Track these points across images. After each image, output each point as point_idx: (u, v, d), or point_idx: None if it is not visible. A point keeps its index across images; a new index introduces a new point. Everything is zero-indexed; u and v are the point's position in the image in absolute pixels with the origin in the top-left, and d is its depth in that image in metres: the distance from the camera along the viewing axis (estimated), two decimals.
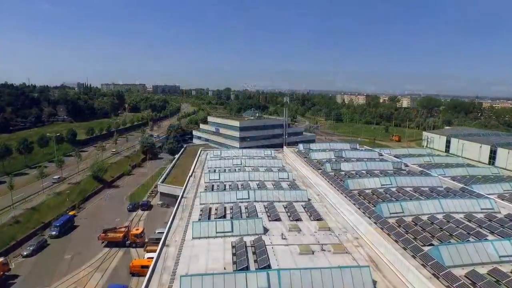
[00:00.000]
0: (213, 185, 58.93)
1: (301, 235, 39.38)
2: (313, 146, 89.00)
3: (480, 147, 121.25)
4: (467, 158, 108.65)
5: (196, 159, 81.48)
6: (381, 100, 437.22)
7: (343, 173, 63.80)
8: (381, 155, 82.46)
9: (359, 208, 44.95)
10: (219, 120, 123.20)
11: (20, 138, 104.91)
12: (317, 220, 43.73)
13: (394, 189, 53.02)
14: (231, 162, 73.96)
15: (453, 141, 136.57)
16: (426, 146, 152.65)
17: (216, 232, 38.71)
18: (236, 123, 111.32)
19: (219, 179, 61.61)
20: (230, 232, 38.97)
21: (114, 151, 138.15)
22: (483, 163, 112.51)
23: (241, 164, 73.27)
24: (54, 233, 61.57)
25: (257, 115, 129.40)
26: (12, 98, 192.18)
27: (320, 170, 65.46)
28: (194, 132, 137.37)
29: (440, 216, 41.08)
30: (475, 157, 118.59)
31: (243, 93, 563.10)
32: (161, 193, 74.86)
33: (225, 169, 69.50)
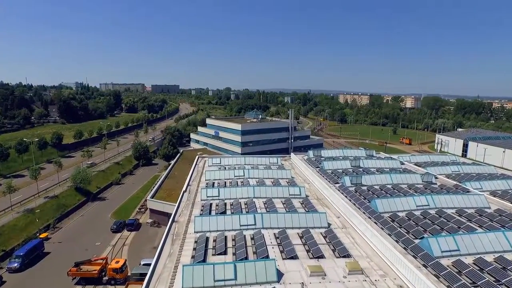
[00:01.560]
0: (211, 204, 49.01)
1: (327, 282, 29.67)
2: (324, 153, 79.12)
3: (504, 152, 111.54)
4: (490, 165, 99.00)
5: (192, 168, 71.65)
6: (384, 100, 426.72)
7: (365, 188, 54.09)
8: (403, 164, 72.77)
9: (397, 241, 35.12)
10: (218, 123, 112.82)
11: None
12: (344, 256, 33.98)
13: (433, 212, 43.21)
14: (233, 173, 64.06)
15: (471, 145, 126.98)
16: (440, 150, 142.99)
17: (215, 281, 28.91)
18: (237, 126, 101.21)
19: (219, 196, 51.73)
20: (233, 280, 29.21)
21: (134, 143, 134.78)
22: (507, 169, 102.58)
23: (244, 175, 63.42)
24: (15, 265, 49.32)
25: (260, 117, 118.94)
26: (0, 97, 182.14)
27: (337, 185, 55.70)
28: (192, 135, 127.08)
29: (511, 257, 31.17)
30: (498, 163, 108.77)
31: (243, 92, 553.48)
32: (151, 210, 64.59)
33: (225, 182, 59.69)
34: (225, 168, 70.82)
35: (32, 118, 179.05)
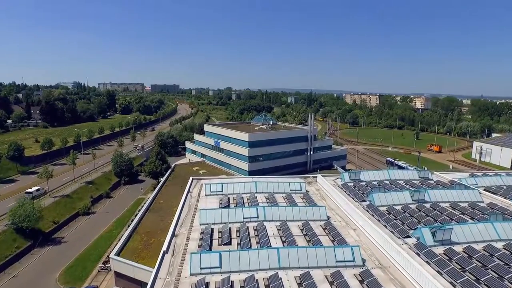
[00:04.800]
0: (207, 285, 28.05)
1: None
2: (364, 175, 57.97)
3: None
4: None
5: (183, 198, 50.92)
6: (393, 101, 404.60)
7: (460, 248, 33.34)
8: (480, 193, 51.54)
9: None
10: (219, 131, 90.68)
11: None
12: None
13: None
14: (241, 212, 43.00)
15: None
16: (480, 161, 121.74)
17: None
18: (243, 136, 79.56)
19: (220, 267, 30.75)
20: None
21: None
22: None
23: (257, 217, 42.38)
24: None
25: (271, 122, 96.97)
26: None
27: (409, 240, 34.80)
28: (188, 144, 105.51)
29: None
30: None
31: (245, 92, 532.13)
32: (116, 273, 42.87)
33: (229, 229, 38.71)
34: (228, 201, 49.79)
35: (9, 121, 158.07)
